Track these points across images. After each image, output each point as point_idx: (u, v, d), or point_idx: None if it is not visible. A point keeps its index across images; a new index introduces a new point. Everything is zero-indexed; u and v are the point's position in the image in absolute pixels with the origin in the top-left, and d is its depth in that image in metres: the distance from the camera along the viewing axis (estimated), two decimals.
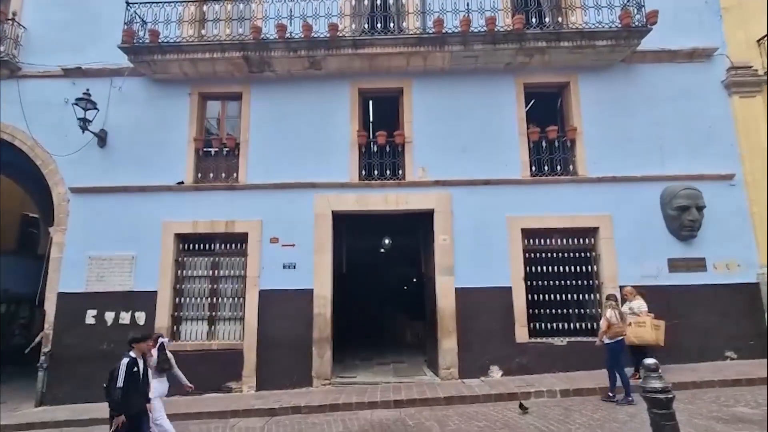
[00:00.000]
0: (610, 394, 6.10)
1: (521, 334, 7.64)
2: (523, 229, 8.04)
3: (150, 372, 4.99)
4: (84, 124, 8.17)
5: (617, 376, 6.08)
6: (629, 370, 6.52)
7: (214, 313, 8.15)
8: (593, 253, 8.12)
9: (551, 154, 8.41)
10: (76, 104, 8.08)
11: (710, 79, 8.50)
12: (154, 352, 5.23)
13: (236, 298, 8.15)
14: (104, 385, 4.65)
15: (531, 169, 8.35)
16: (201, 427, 6.20)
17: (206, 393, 7.53)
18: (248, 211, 8.25)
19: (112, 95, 8.72)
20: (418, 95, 8.64)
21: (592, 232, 8.14)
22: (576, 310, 8.03)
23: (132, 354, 4.53)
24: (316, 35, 8.19)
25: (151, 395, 4.83)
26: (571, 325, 7.89)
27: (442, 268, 7.95)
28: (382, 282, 14.94)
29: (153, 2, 8.55)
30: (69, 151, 8.43)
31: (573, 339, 7.68)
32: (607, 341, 6.26)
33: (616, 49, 8.11)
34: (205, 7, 9.08)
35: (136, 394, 4.44)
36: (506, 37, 8.04)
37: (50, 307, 8.04)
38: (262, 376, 7.65)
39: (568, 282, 7.93)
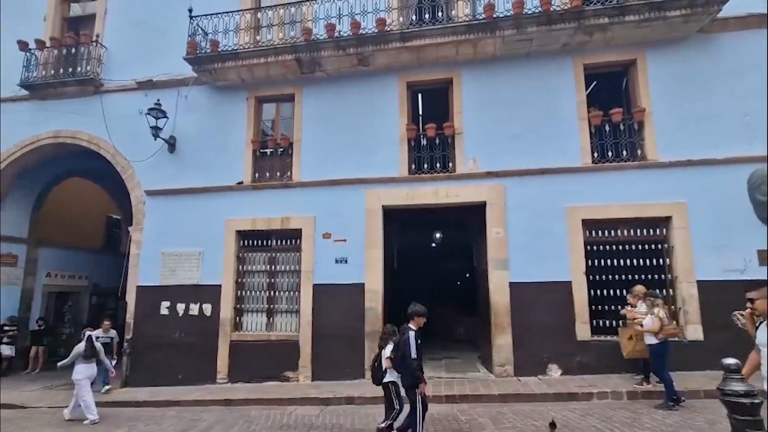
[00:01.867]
0: (674, 398, 5.54)
1: (582, 331, 7.17)
2: (584, 220, 7.54)
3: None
4: (155, 131, 8.92)
5: (666, 378, 5.62)
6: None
7: (272, 306, 8.54)
8: (665, 245, 7.40)
9: (615, 138, 7.80)
10: (149, 114, 8.84)
11: None
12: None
13: (292, 292, 8.48)
14: (374, 363, 5.13)
15: (593, 156, 7.80)
16: (262, 412, 6.51)
17: (266, 381, 7.94)
18: (302, 208, 8.53)
19: (179, 104, 9.42)
20: (467, 85, 8.41)
21: (664, 221, 7.43)
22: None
23: (413, 326, 4.71)
24: (364, 32, 8.26)
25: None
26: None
27: (495, 262, 7.69)
28: (434, 277, 14.76)
29: (213, 14, 9.10)
30: (144, 157, 9.24)
31: None
32: (653, 342, 5.80)
33: (692, 18, 7.31)
34: (259, 15, 9.50)
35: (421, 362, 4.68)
36: (563, 16, 7.55)
37: (131, 299, 8.90)
38: (317, 366, 7.90)
39: (636, 276, 7.29)
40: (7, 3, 10.91)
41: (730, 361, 3.07)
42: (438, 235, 12.82)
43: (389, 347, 5.05)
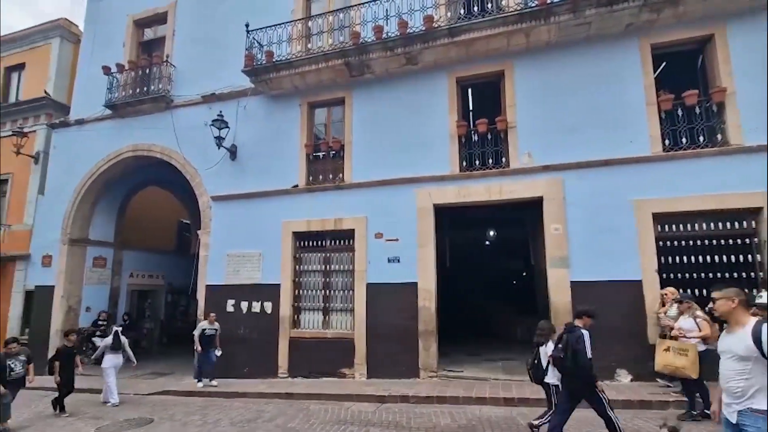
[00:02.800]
0: (706, 411, 4.95)
1: (655, 334, 6.58)
2: (654, 214, 6.93)
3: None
4: (219, 141, 9.54)
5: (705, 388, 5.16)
6: None
7: (327, 305, 8.79)
8: (754, 240, 6.60)
9: (690, 123, 7.10)
10: (212, 125, 9.48)
11: None
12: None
13: (346, 291, 8.66)
14: (533, 361, 4.98)
15: (663, 144, 7.16)
16: (320, 407, 6.71)
17: (323, 377, 8.17)
18: (354, 209, 8.68)
19: (239, 114, 10.00)
20: (520, 76, 8.09)
21: (752, 213, 6.63)
22: None
23: (580, 324, 4.54)
24: (411, 30, 8.24)
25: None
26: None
27: (554, 260, 7.31)
28: (488, 275, 14.33)
29: (267, 26, 9.56)
30: (209, 165, 9.93)
31: None
32: (701, 349, 5.22)
33: None
34: (310, 23, 9.84)
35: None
36: None
37: (200, 297, 9.58)
38: (371, 364, 8.00)
39: (718, 275, 6.57)
40: (93, 35, 12.24)
41: None
42: (492, 233, 12.45)
43: (550, 345, 4.81)
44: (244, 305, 9.14)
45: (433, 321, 7.81)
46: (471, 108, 10.17)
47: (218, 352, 8.35)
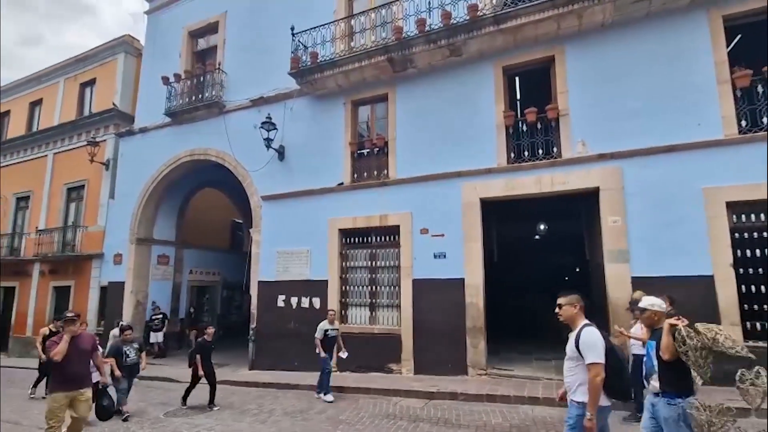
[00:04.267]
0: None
1: (732, 334, 5.97)
2: (728, 203, 6.31)
3: None
4: (268, 143, 9.89)
5: None
6: None
7: (374, 300, 8.83)
8: None
9: None
10: (261, 127, 9.83)
11: None
12: None
13: (392, 287, 8.66)
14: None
15: (739, 125, 6.49)
16: (368, 401, 6.77)
17: (371, 371, 8.23)
18: (399, 205, 8.66)
19: (286, 115, 10.30)
20: (572, 61, 7.67)
21: None
22: None
23: None
24: (455, 21, 8.07)
25: None
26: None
27: (612, 254, 6.86)
28: (540, 271, 13.73)
29: (312, 28, 9.76)
30: (258, 167, 10.32)
31: None
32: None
33: None
34: (352, 21, 9.92)
35: None
36: None
37: (254, 292, 9.99)
38: (418, 360, 7.94)
39: None
40: (153, 48, 13.14)
41: None
42: (542, 227, 11.93)
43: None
44: (293, 300, 9.42)
45: (481, 318, 7.61)
46: (518, 97, 9.80)
47: (344, 354, 7.42)
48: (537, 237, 12.55)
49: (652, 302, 3.49)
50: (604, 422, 3.12)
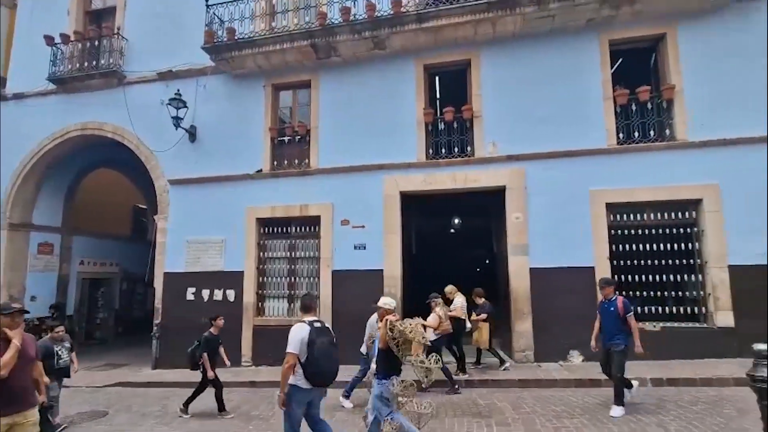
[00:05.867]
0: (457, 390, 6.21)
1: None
2: (608, 204, 7.32)
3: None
4: (177, 121, 9.07)
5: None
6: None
7: (292, 292, 8.70)
8: (695, 229, 7.13)
9: (643, 118, 7.48)
10: (169, 104, 8.98)
11: None
12: None
13: (312, 278, 8.60)
14: None
15: (618, 137, 7.51)
16: None
17: None
18: (320, 195, 8.58)
19: (199, 93, 9.53)
20: (487, 66, 8.19)
21: (694, 204, 7.13)
22: (673, 293, 7.17)
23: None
24: (379, 14, 8.11)
25: None
26: (667, 309, 7.07)
27: (515, 247, 7.58)
28: (454, 262, 14.67)
29: (229, 0, 9.09)
30: (166, 147, 9.44)
31: (669, 324, 6.90)
32: (433, 337, 6.20)
33: None
34: (274, 0, 9.44)
35: None
36: None
37: (158, 285, 9.22)
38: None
39: (664, 262, 7.08)
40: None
41: (762, 346, 2.96)
42: (457, 221, 12.72)
43: None
44: (205, 293, 8.89)
45: (399, 307, 7.91)
46: (438, 96, 10.21)
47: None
48: (452, 230, 13.32)
49: (384, 301, 4.23)
50: (308, 402, 3.70)
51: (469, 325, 7.21)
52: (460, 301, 7.16)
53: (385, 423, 3.75)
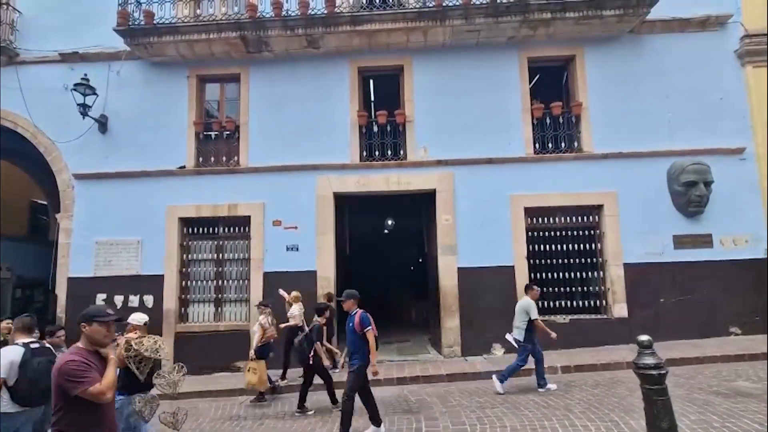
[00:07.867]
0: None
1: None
2: (526, 208, 7.97)
3: None
4: (84, 109, 8.16)
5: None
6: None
7: (220, 296, 8.30)
8: (597, 231, 8.04)
9: (555, 130, 8.25)
10: (75, 90, 8.05)
11: (723, 49, 8.18)
12: None
13: (241, 281, 8.27)
14: None
15: (534, 147, 8.21)
16: (210, 404, 6.39)
17: (216, 372, 7.76)
18: (250, 194, 8.27)
19: (111, 80, 8.66)
20: (418, 72, 8.46)
21: (597, 209, 8.04)
22: (580, 288, 8.02)
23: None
24: (313, 12, 7.99)
25: None
26: (575, 303, 7.90)
27: (444, 247, 7.95)
28: (387, 262, 15.01)
29: None
30: (71, 138, 8.45)
31: (576, 317, 7.72)
32: (259, 345, 6.24)
33: (624, 19, 7.81)
34: None
35: None
36: (509, 9, 7.77)
37: (61, 291, 8.24)
38: None
39: (572, 260, 7.90)
40: None
41: (644, 338, 3.45)
42: (390, 222, 13.00)
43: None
44: (118, 299, 8.12)
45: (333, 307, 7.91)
46: (373, 99, 10.33)
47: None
48: (386, 231, 13.57)
49: (133, 317, 4.22)
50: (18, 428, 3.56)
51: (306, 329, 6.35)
52: (297, 308, 7.15)
53: None
